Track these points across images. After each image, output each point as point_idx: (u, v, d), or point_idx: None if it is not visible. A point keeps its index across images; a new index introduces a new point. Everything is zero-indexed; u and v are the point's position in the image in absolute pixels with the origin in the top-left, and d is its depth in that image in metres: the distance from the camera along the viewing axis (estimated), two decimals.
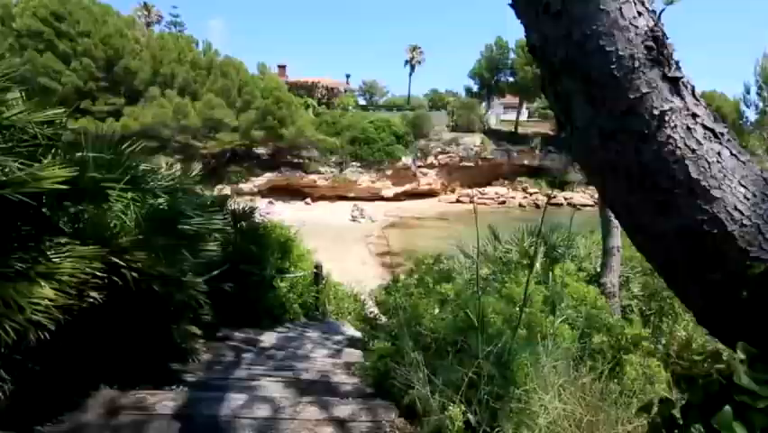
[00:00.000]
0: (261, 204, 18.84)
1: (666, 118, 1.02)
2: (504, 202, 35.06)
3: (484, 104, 41.17)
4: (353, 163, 32.21)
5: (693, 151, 1.02)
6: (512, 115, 43.10)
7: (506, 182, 37.02)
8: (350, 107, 37.24)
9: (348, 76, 49.27)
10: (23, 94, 2.68)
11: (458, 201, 34.91)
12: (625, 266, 5.56)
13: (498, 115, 45.71)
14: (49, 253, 2.28)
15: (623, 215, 1.18)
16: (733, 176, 1.02)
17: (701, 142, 1.02)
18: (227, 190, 24.81)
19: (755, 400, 0.82)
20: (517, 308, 3.20)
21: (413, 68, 46.98)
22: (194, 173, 4.91)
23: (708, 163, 1.02)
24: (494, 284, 4.43)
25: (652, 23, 1.04)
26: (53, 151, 2.58)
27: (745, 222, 1.00)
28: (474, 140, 36.01)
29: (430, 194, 35.50)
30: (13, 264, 2.12)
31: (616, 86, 1.03)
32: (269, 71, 32.48)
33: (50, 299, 2.11)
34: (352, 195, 32.00)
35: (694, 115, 1.04)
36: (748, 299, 1.00)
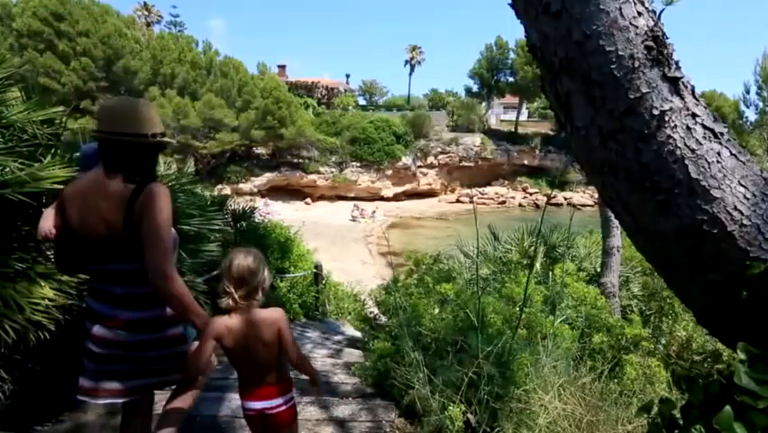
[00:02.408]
0: (260, 204, 18.86)
1: (666, 118, 1.02)
2: (504, 202, 35.05)
3: (484, 104, 41.15)
4: (353, 163, 32.20)
5: (693, 151, 1.02)
6: (512, 115, 43.11)
7: (506, 182, 37.02)
8: (350, 107, 37.24)
9: (348, 76, 49.46)
10: (23, 93, 2.68)
11: (458, 201, 34.89)
12: (625, 266, 5.57)
13: (498, 115, 45.72)
14: (49, 253, 2.28)
15: (623, 215, 1.18)
16: (733, 176, 1.02)
17: (701, 142, 1.03)
18: (227, 190, 24.81)
19: (756, 401, 0.82)
20: (517, 308, 3.20)
21: (413, 68, 47.10)
22: (189, 169, 4.88)
23: (708, 163, 1.02)
24: (494, 284, 4.43)
25: (652, 23, 1.04)
26: (53, 150, 2.58)
27: (744, 222, 1.00)
28: (474, 140, 36.01)
29: (430, 194, 35.49)
30: (13, 264, 2.12)
31: (616, 86, 1.03)
32: (269, 71, 32.48)
33: (50, 299, 2.11)
34: (351, 195, 31.99)
35: (694, 115, 1.04)
36: (748, 299, 1.00)
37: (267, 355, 1.67)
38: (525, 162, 37.18)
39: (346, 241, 22.85)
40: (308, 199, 31.18)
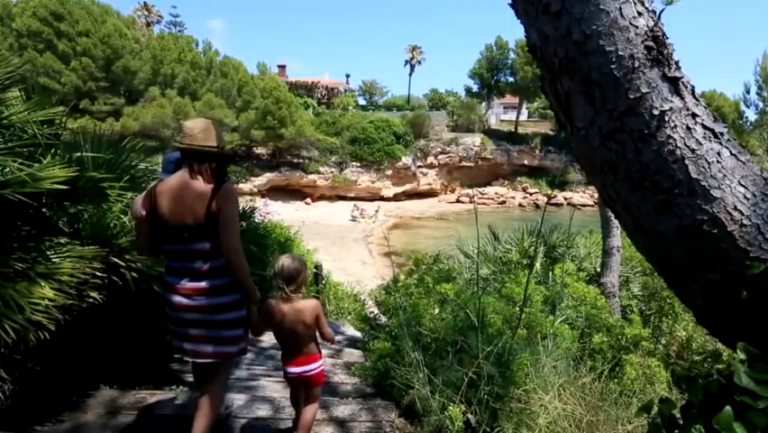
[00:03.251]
0: (260, 203, 18.86)
1: (666, 118, 1.02)
2: (504, 202, 35.04)
3: (484, 104, 41.12)
4: (353, 163, 32.18)
5: (693, 151, 1.02)
6: (512, 115, 43.09)
7: (506, 182, 37.00)
8: (350, 107, 37.22)
9: (348, 76, 49.43)
10: (23, 94, 2.68)
11: (458, 201, 34.88)
12: (625, 266, 5.56)
13: (498, 115, 45.69)
14: (49, 253, 2.29)
15: (623, 215, 1.18)
16: (733, 176, 1.02)
17: (701, 142, 1.03)
18: None
19: (756, 401, 0.82)
20: (517, 308, 3.20)
21: (413, 68, 47.05)
22: None
23: (708, 163, 1.02)
24: (494, 284, 4.43)
25: (652, 23, 1.04)
26: (53, 151, 2.58)
27: (744, 222, 1.00)
28: (474, 140, 35.99)
29: (430, 194, 35.48)
30: (13, 264, 2.12)
31: (616, 86, 1.03)
32: (269, 71, 32.45)
33: (50, 299, 2.11)
34: (351, 195, 31.96)
35: (694, 115, 1.04)
36: (748, 299, 1.00)
37: (306, 333, 2.19)
38: (525, 162, 37.16)
39: (346, 241, 22.84)
40: (308, 199, 31.16)
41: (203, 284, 2.05)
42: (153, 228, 2.09)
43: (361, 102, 44.69)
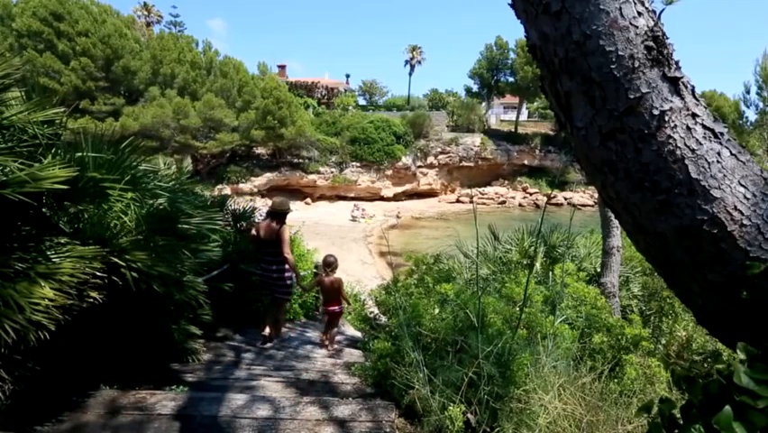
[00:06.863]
0: (260, 204, 18.86)
1: (666, 118, 1.02)
2: (504, 202, 35.03)
3: (484, 104, 41.10)
4: (353, 163, 32.18)
5: (693, 151, 1.02)
6: (512, 115, 43.09)
7: (506, 182, 37.01)
8: (350, 107, 37.21)
9: (348, 76, 49.44)
10: (23, 94, 2.68)
11: (458, 201, 34.88)
12: (625, 266, 5.56)
13: (498, 114, 45.68)
14: (49, 253, 2.29)
15: (623, 215, 1.18)
16: (733, 176, 1.02)
17: (701, 142, 1.03)
18: (227, 190, 24.79)
19: (755, 401, 0.82)
20: (517, 308, 3.20)
21: (413, 68, 46.99)
22: (187, 167, 5.10)
23: (708, 163, 1.02)
24: (494, 284, 4.43)
25: (652, 23, 1.04)
26: (53, 151, 2.58)
27: (744, 222, 1.00)
28: (474, 140, 35.99)
29: (430, 194, 35.48)
30: (13, 264, 2.12)
31: (616, 86, 1.03)
32: (270, 71, 32.44)
33: (50, 299, 2.11)
34: (351, 195, 31.98)
35: (694, 115, 1.04)
36: (748, 299, 1.00)
37: (335, 291, 4.83)
38: (525, 162, 37.17)
39: (346, 241, 22.83)
40: (308, 199, 31.16)
41: (276, 267, 4.60)
42: (257, 243, 4.62)
43: (361, 102, 44.64)
